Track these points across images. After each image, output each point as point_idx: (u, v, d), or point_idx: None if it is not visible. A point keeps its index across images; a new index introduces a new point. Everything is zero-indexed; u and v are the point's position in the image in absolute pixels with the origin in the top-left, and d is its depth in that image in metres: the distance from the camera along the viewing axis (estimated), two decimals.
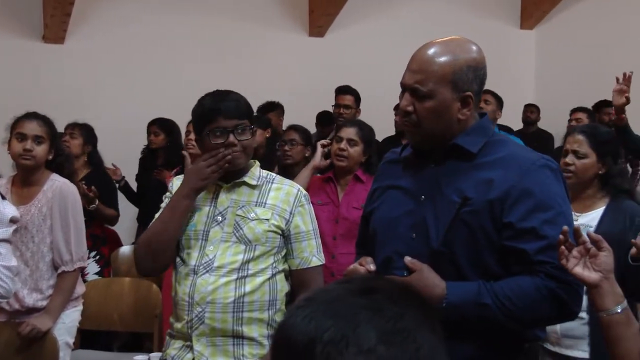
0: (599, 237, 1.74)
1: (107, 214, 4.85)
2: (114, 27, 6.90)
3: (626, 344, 1.71)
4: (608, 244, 2.76)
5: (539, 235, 1.86)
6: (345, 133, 3.68)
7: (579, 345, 2.91)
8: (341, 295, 0.92)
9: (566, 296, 1.86)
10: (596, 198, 3.00)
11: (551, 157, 2.05)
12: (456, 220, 1.91)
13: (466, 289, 1.89)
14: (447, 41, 2.00)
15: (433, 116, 1.94)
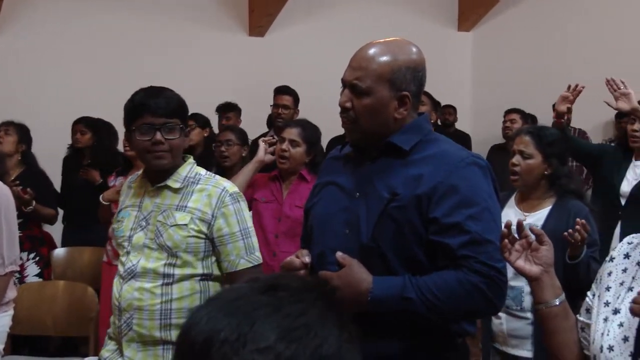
0: (541, 231, 1.77)
1: (45, 214, 4.74)
2: (49, 25, 6.71)
3: (563, 335, 1.73)
4: (555, 243, 2.81)
5: (463, 230, 1.89)
6: (287, 134, 3.66)
7: (524, 345, 2.96)
8: (243, 294, 0.91)
9: (489, 291, 1.88)
10: (543, 198, 3.06)
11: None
12: (384, 215, 1.94)
13: (391, 283, 1.91)
14: (388, 42, 2.04)
15: (370, 113, 1.97)
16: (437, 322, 1.95)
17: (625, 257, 1.71)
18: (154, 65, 6.69)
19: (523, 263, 1.73)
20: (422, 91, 2.08)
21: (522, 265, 1.73)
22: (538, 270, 1.72)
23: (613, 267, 1.72)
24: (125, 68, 6.65)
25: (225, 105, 6.32)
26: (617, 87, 3.87)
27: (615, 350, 1.58)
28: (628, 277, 1.67)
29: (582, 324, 1.75)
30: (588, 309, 1.75)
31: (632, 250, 1.71)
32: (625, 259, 1.71)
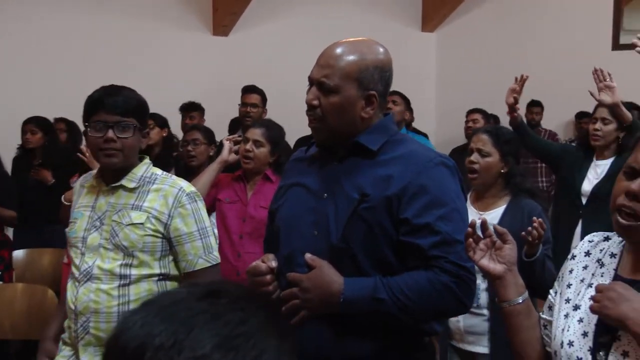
0: (504, 230, 1.77)
1: (5, 215, 4.68)
2: (6, 23, 6.58)
3: (527, 332, 1.74)
4: None
5: (433, 231, 1.90)
6: (251, 134, 3.65)
7: (481, 341, 2.99)
8: (181, 299, 0.88)
9: (459, 290, 1.90)
10: (499, 197, 3.09)
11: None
12: (354, 216, 1.93)
13: (363, 284, 1.91)
14: (356, 41, 2.04)
15: (337, 111, 1.97)
16: (408, 322, 1.95)
17: (586, 254, 1.73)
18: (117, 64, 6.61)
19: (487, 262, 1.74)
20: (389, 91, 2.09)
21: (486, 264, 1.74)
22: (502, 268, 1.73)
23: (574, 264, 1.74)
24: (87, 67, 6.56)
25: (189, 105, 6.29)
26: (603, 78, 3.87)
27: (575, 345, 1.59)
28: (588, 274, 1.68)
29: (545, 321, 1.76)
30: (550, 307, 1.76)
31: (593, 248, 1.73)
32: (586, 257, 1.72)
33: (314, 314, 1.95)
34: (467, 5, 8.85)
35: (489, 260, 1.74)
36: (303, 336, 1.95)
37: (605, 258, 1.68)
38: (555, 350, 1.66)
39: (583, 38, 8.04)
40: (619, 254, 1.66)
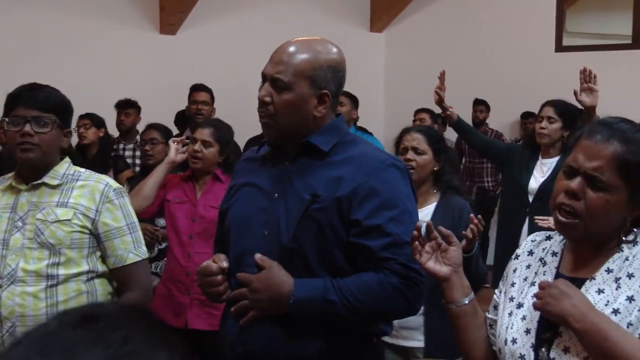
0: (449, 233, 1.79)
1: None
2: None
3: (474, 333, 1.77)
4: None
5: (384, 233, 1.90)
6: (199, 134, 3.63)
7: (415, 336, 3.03)
8: (55, 330, 0.83)
9: (408, 292, 1.91)
10: (429, 194, 3.15)
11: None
12: (305, 217, 1.93)
13: (313, 285, 1.91)
14: (310, 40, 2.05)
15: (289, 109, 1.97)
16: (357, 323, 1.95)
17: (529, 254, 1.76)
18: (63, 62, 6.51)
19: (433, 264, 1.76)
20: (341, 92, 2.09)
21: (432, 267, 1.75)
22: (448, 270, 1.75)
23: (518, 264, 1.77)
24: (32, 64, 6.41)
25: (124, 102, 6.17)
26: (589, 79, 3.95)
27: (518, 342, 1.62)
28: (531, 272, 1.71)
29: (490, 320, 1.79)
30: (495, 306, 1.79)
31: (536, 247, 1.77)
32: (529, 256, 1.76)
33: (264, 314, 1.95)
34: (414, 6, 8.94)
35: (435, 263, 1.76)
36: (252, 336, 1.96)
37: (547, 257, 1.72)
38: (499, 348, 1.68)
39: (527, 40, 8.20)
40: (560, 252, 1.70)
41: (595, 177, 1.54)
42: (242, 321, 1.97)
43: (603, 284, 1.57)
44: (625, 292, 1.53)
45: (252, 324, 1.96)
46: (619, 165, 1.53)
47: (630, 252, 1.58)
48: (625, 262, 1.57)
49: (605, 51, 8.25)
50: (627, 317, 1.50)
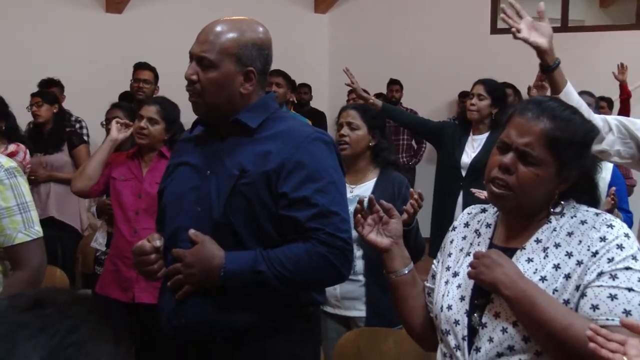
0: (390, 206, 1.81)
1: None
2: None
3: (413, 301, 1.80)
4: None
5: (310, 204, 1.91)
6: (145, 112, 3.58)
7: (357, 305, 3.06)
8: (3, 312, 0.81)
9: (336, 260, 1.92)
10: (368, 170, 3.17)
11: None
12: (234, 192, 1.93)
13: (243, 257, 1.92)
14: (235, 19, 2.04)
15: (216, 86, 1.97)
16: (288, 293, 1.96)
17: (465, 226, 1.79)
18: (7, 39, 6.31)
19: (375, 236, 1.78)
20: (268, 70, 2.09)
21: (374, 238, 1.78)
22: (388, 242, 1.77)
23: (454, 235, 1.80)
24: None
25: (47, 81, 5.92)
26: (542, 78, 4.04)
27: (454, 308, 1.65)
28: (467, 243, 1.75)
29: (428, 289, 1.82)
30: (433, 275, 1.81)
31: (471, 220, 1.80)
32: (465, 228, 1.79)
33: (198, 287, 1.95)
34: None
35: (377, 235, 1.78)
36: (187, 310, 1.96)
37: (482, 228, 1.75)
38: (436, 314, 1.71)
39: (465, 23, 8.29)
40: (494, 224, 1.73)
41: (526, 152, 1.57)
42: (177, 295, 1.97)
43: (532, 253, 1.60)
44: (552, 261, 1.57)
45: (187, 297, 1.96)
46: (548, 141, 1.56)
47: (557, 223, 1.62)
48: (553, 232, 1.61)
49: None
50: (553, 283, 1.54)
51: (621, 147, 2.61)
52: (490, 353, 1.57)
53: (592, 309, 1.49)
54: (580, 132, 1.60)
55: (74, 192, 3.74)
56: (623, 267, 1.51)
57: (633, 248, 1.54)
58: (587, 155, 1.63)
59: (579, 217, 1.61)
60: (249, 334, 1.96)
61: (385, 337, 2.49)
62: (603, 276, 1.51)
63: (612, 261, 1.52)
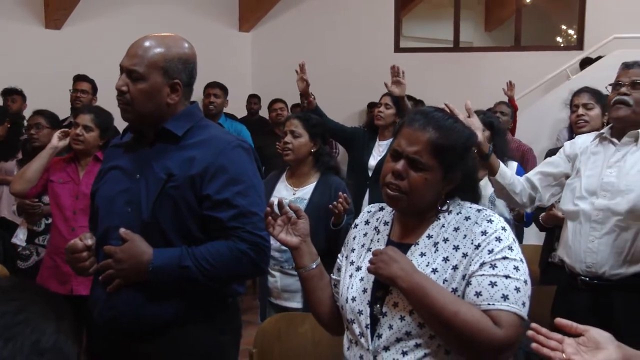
0: (298, 207, 1.79)
1: None
2: None
3: (321, 292, 1.78)
4: (319, 213, 2.92)
5: (231, 205, 1.90)
6: (81, 119, 3.49)
7: (295, 298, 3.05)
8: None
9: (255, 256, 1.92)
10: (309, 174, 3.15)
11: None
12: (162, 194, 1.90)
13: (170, 254, 1.89)
14: (163, 35, 2.01)
15: (144, 97, 1.93)
16: (211, 286, 1.94)
17: (366, 223, 1.79)
18: None
19: (285, 235, 1.76)
20: (193, 82, 2.05)
21: (284, 238, 1.76)
22: (297, 240, 1.75)
23: (357, 232, 1.79)
24: None
25: (10, 90, 5.85)
26: (397, 73, 4.13)
27: (357, 300, 1.64)
28: (367, 239, 1.74)
29: (334, 281, 1.80)
30: (339, 268, 1.80)
31: (371, 217, 1.79)
32: (366, 225, 1.78)
33: (128, 282, 1.91)
34: (278, 9, 8.91)
35: (287, 234, 1.76)
36: (118, 302, 1.92)
37: (380, 226, 1.74)
38: (342, 305, 1.70)
39: (372, 42, 8.39)
40: (391, 222, 1.73)
41: (416, 159, 1.57)
42: (108, 288, 1.93)
43: (425, 248, 1.61)
44: (442, 254, 1.58)
45: (118, 291, 1.92)
46: (434, 149, 1.57)
47: (445, 220, 1.63)
48: (442, 228, 1.62)
49: (433, 53, 8.59)
50: (443, 274, 1.56)
51: (551, 192, 2.71)
52: (391, 339, 1.57)
53: (476, 295, 1.51)
54: (462, 139, 1.61)
55: (12, 193, 3.65)
56: (501, 257, 1.54)
57: (509, 240, 1.57)
58: (468, 159, 1.64)
59: (464, 213, 1.63)
60: (174, 323, 1.92)
61: (302, 321, 2.48)
62: (484, 266, 1.53)
63: (492, 252, 1.54)
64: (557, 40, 10.26)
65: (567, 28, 9.59)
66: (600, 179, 2.51)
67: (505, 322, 1.47)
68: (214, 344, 1.99)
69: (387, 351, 1.57)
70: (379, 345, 1.58)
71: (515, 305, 1.50)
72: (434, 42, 9.55)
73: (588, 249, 2.48)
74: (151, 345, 1.93)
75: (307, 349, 2.37)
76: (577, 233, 2.53)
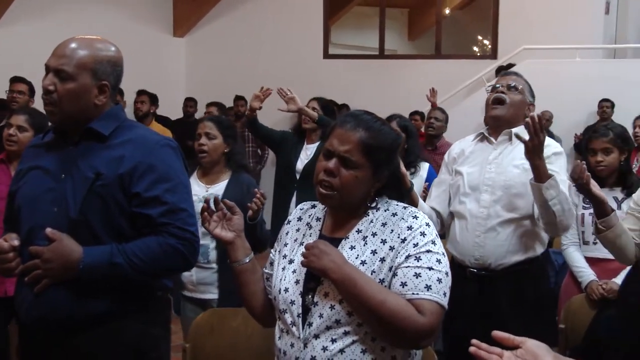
0: (232, 204, 1.79)
1: None
2: None
3: (253, 285, 1.78)
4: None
5: (161, 202, 1.87)
6: (15, 120, 3.34)
7: (210, 290, 3.03)
8: None
9: (185, 250, 1.90)
10: (222, 172, 3.14)
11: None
12: (90, 193, 1.84)
13: (100, 251, 1.83)
14: (91, 38, 1.96)
15: (72, 97, 1.87)
16: (142, 281, 1.91)
17: (298, 219, 1.79)
18: None
19: (220, 231, 1.76)
20: (119, 84, 2.01)
21: (219, 233, 1.75)
22: (232, 235, 1.75)
23: (290, 228, 1.79)
24: None
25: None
26: (285, 94, 4.19)
27: (290, 291, 1.65)
28: (300, 234, 1.74)
29: (267, 274, 1.80)
30: (271, 263, 1.80)
31: (303, 214, 1.80)
32: (299, 221, 1.78)
33: (57, 281, 1.84)
34: (211, 15, 8.83)
35: (221, 229, 1.76)
36: (45, 301, 1.85)
37: (312, 221, 1.75)
38: (275, 296, 1.70)
39: (302, 48, 8.42)
40: (323, 217, 1.74)
41: (347, 158, 1.59)
42: (36, 288, 1.84)
43: (354, 241, 1.63)
44: (370, 247, 1.60)
45: (45, 290, 1.84)
46: (364, 148, 1.59)
47: (374, 216, 1.65)
48: (370, 224, 1.64)
49: (359, 60, 8.70)
50: (371, 266, 1.57)
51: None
52: (321, 327, 1.58)
53: (401, 285, 1.54)
54: (389, 140, 1.64)
55: None
56: (425, 250, 1.57)
57: (432, 235, 1.61)
58: (395, 159, 1.67)
59: (391, 210, 1.66)
60: (106, 318, 1.87)
61: (235, 316, 2.45)
62: (410, 258, 1.56)
63: (417, 246, 1.57)
64: (474, 49, 10.58)
65: (483, 39, 9.90)
66: (481, 175, 2.62)
67: (428, 310, 1.51)
68: (147, 337, 1.95)
69: (317, 339, 1.58)
70: (309, 334, 1.59)
71: (437, 294, 1.54)
72: (360, 49, 9.68)
73: (475, 244, 2.58)
74: (84, 339, 1.87)
75: (240, 343, 2.35)
76: (464, 229, 2.63)
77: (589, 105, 7.27)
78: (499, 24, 8.09)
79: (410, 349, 1.64)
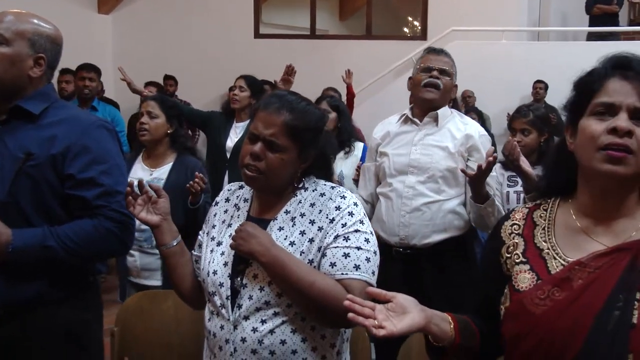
0: (158, 187, 1.75)
1: None
2: None
3: (182, 268, 1.75)
4: (176, 192, 2.85)
5: (96, 184, 1.82)
6: None
7: (155, 276, 2.98)
8: None
9: (121, 233, 1.86)
10: (166, 155, 3.07)
11: None
12: (20, 173, 1.77)
13: (31, 234, 1.77)
14: (30, 13, 1.89)
15: (5, 62, 1.80)
16: (76, 264, 1.85)
17: (226, 201, 1.77)
18: None
19: (145, 214, 1.71)
20: (57, 65, 1.93)
21: (144, 216, 1.70)
22: (158, 219, 1.71)
23: (217, 209, 1.77)
24: None
25: None
26: (290, 72, 4.12)
27: (218, 273, 1.63)
28: (228, 216, 1.72)
29: (196, 257, 1.78)
30: (200, 245, 1.78)
31: (231, 195, 1.78)
32: (226, 203, 1.76)
33: None
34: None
35: (147, 213, 1.71)
36: None
37: (240, 203, 1.73)
38: (203, 279, 1.68)
39: (232, 27, 8.30)
40: (250, 199, 1.72)
41: (272, 141, 1.57)
42: None
43: (283, 222, 1.62)
44: (299, 228, 1.60)
45: None
46: (289, 130, 1.57)
47: (302, 197, 1.65)
48: (299, 204, 1.64)
49: (291, 40, 8.65)
50: (300, 247, 1.58)
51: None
52: (250, 308, 1.57)
53: (330, 266, 1.55)
54: (314, 120, 1.63)
55: None
56: (353, 230, 1.58)
57: (360, 214, 1.62)
58: (321, 138, 1.66)
59: (319, 190, 1.66)
60: (36, 303, 1.81)
61: (165, 298, 2.41)
62: (338, 239, 1.57)
63: (345, 226, 1.58)
64: (404, 30, 10.69)
65: (413, 20, 10.02)
66: (408, 157, 2.67)
67: (357, 289, 1.51)
68: (78, 322, 1.91)
69: (247, 320, 1.57)
70: (239, 315, 1.58)
71: (366, 274, 1.55)
72: (292, 29, 9.62)
73: (400, 223, 2.64)
74: (14, 327, 1.81)
75: (170, 326, 2.32)
76: (389, 209, 2.68)
77: (523, 86, 7.50)
78: (428, 5, 8.21)
79: (340, 327, 1.65)
